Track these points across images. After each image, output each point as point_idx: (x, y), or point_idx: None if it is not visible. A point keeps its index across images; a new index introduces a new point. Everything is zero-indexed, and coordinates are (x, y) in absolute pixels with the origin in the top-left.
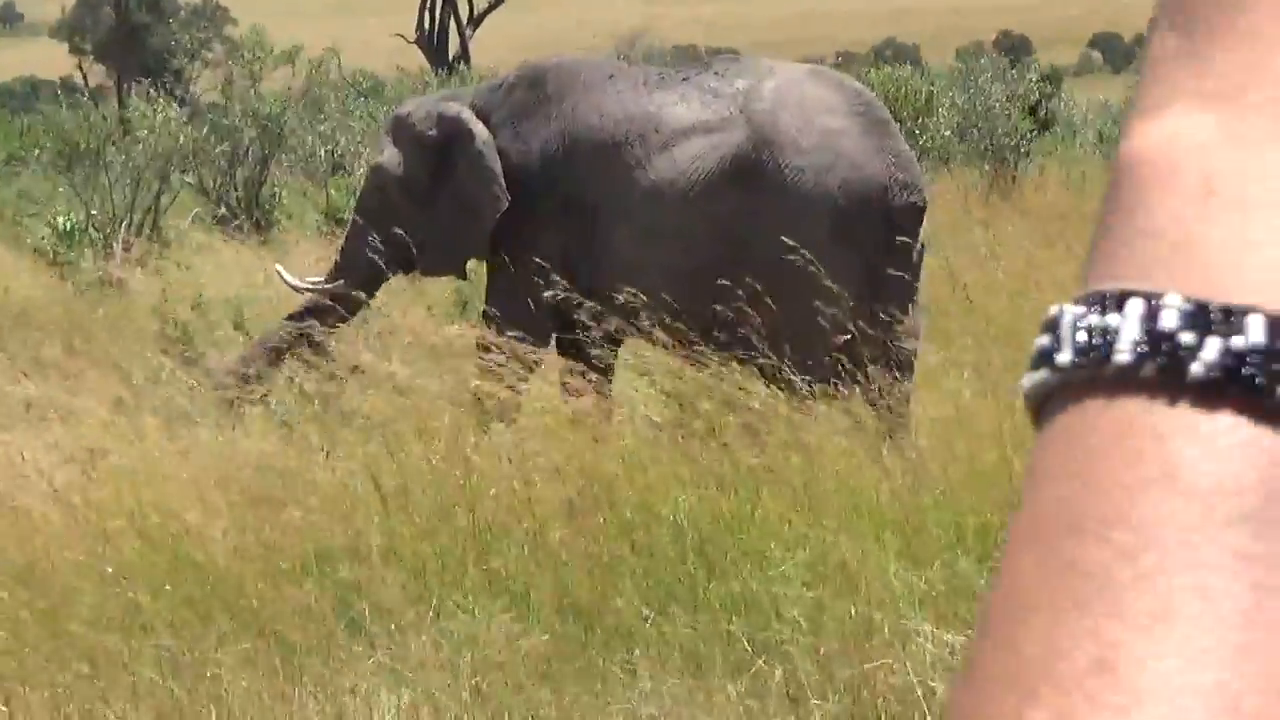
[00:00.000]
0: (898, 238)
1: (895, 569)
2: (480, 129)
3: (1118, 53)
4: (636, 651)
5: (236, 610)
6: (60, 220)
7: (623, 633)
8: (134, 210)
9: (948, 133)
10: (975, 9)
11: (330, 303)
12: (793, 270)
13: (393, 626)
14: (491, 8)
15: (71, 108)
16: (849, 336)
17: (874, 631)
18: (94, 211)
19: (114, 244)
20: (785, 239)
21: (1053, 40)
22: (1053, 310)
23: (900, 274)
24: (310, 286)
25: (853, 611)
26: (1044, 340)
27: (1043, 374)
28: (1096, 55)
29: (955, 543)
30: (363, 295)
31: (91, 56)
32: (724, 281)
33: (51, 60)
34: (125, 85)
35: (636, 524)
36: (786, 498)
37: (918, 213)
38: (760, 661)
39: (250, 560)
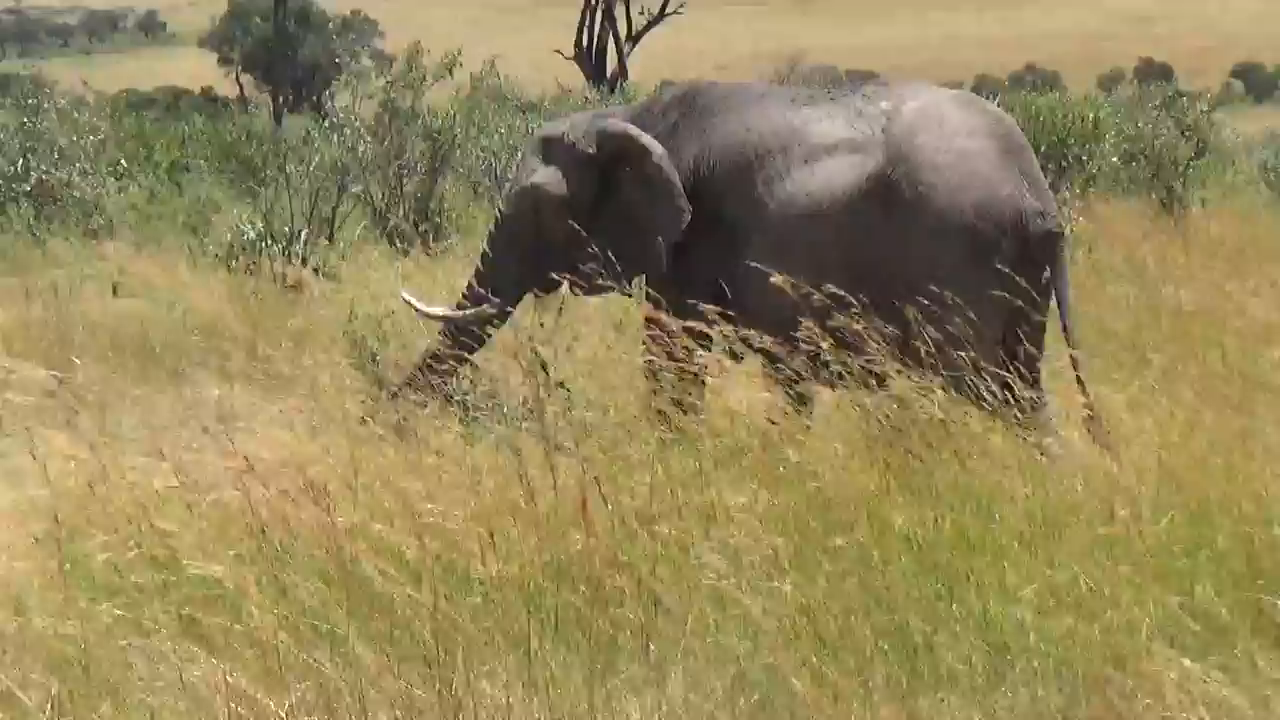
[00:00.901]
0: (1033, 261)
1: (1133, 597)
2: (655, 144)
3: (1260, 83)
4: (876, 667)
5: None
6: (247, 229)
7: (858, 649)
8: (312, 221)
9: (1115, 159)
10: (1113, 36)
11: (463, 328)
12: (929, 289)
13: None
14: (650, 25)
15: (244, 115)
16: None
17: (1120, 661)
18: (273, 222)
19: (293, 254)
20: (920, 257)
21: (1194, 69)
22: None
23: (1037, 296)
24: (445, 314)
25: (1096, 639)
26: None
27: None
28: (1238, 84)
29: (1193, 571)
30: (497, 319)
31: (239, 67)
32: (857, 297)
33: (192, 70)
34: (280, 96)
35: (869, 540)
36: (1018, 518)
37: (1053, 239)
38: (1004, 689)
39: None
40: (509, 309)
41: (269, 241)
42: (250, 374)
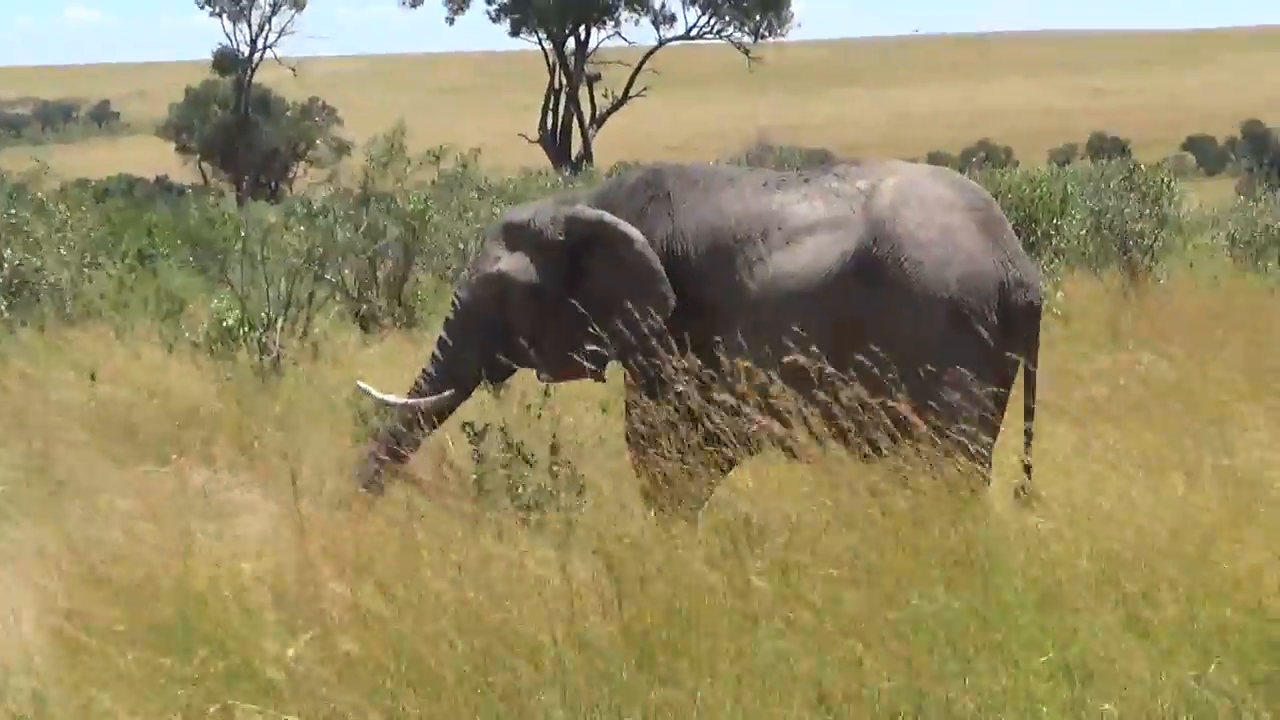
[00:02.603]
0: (1014, 333)
1: (1146, 666)
2: (634, 231)
3: (1210, 155)
4: None
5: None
6: (227, 317)
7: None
8: (290, 306)
9: (1083, 232)
10: (1065, 111)
11: (419, 414)
12: (913, 361)
13: None
14: (615, 108)
15: (205, 201)
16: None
17: None
18: (248, 308)
19: (269, 341)
20: (905, 332)
21: (1145, 142)
22: None
23: (1016, 365)
24: (404, 402)
25: (1115, 713)
26: None
27: None
28: (1190, 157)
29: (1205, 647)
30: (455, 407)
31: (198, 155)
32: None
33: (146, 159)
34: (241, 183)
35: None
36: (1022, 590)
37: (1034, 310)
38: None
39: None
40: (466, 396)
41: (246, 327)
42: (236, 458)
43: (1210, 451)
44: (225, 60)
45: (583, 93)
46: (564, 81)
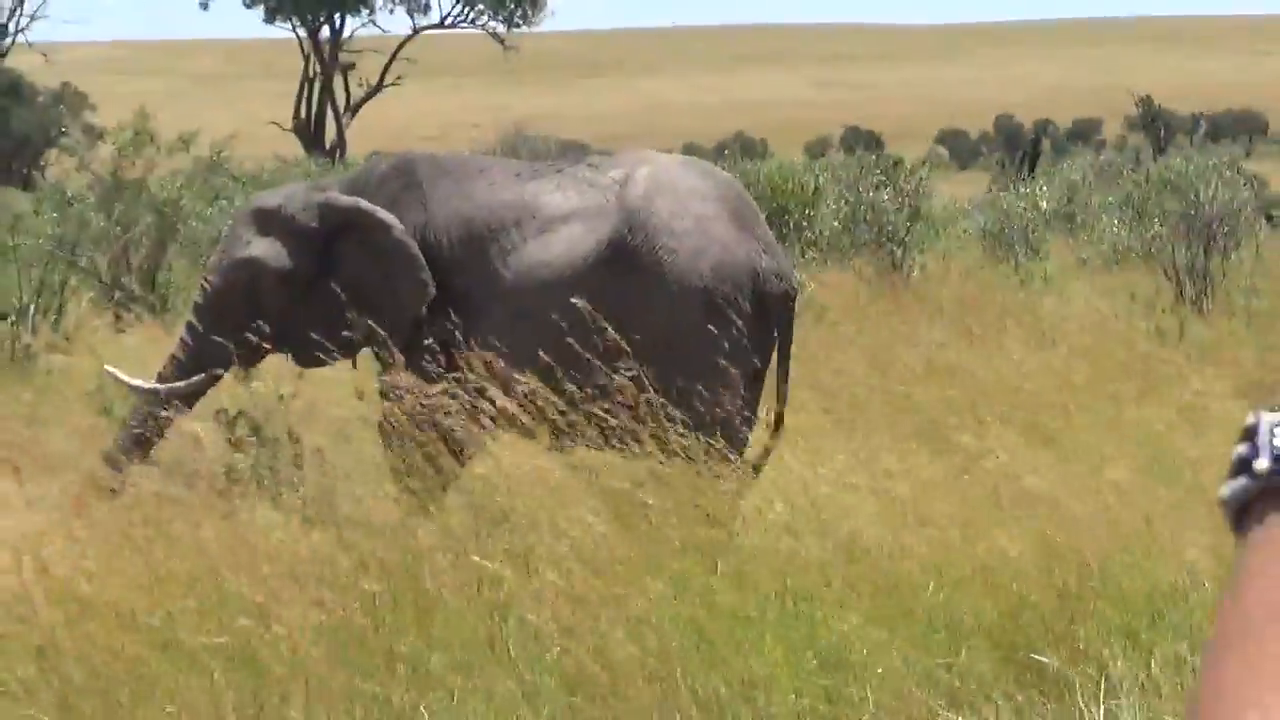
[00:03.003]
0: (768, 321)
1: (897, 654)
2: (392, 218)
3: (963, 149)
4: None
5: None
6: None
7: (634, 708)
8: (41, 294)
9: (836, 224)
10: (819, 104)
11: (168, 399)
12: (669, 351)
13: None
14: (369, 97)
15: None
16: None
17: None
18: None
19: (21, 330)
20: (661, 318)
21: (899, 135)
22: (1250, 419)
23: (770, 354)
24: (151, 387)
25: (868, 697)
26: (1242, 448)
27: (1242, 481)
28: (942, 151)
29: (957, 632)
30: (204, 391)
31: None
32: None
33: None
34: None
35: (628, 599)
36: (775, 579)
37: (788, 299)
38: None
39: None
40: (215, 380)
41: None
42: None
43: (958, 446)
44: None
45: (337, 81)
46: (318, 69)
